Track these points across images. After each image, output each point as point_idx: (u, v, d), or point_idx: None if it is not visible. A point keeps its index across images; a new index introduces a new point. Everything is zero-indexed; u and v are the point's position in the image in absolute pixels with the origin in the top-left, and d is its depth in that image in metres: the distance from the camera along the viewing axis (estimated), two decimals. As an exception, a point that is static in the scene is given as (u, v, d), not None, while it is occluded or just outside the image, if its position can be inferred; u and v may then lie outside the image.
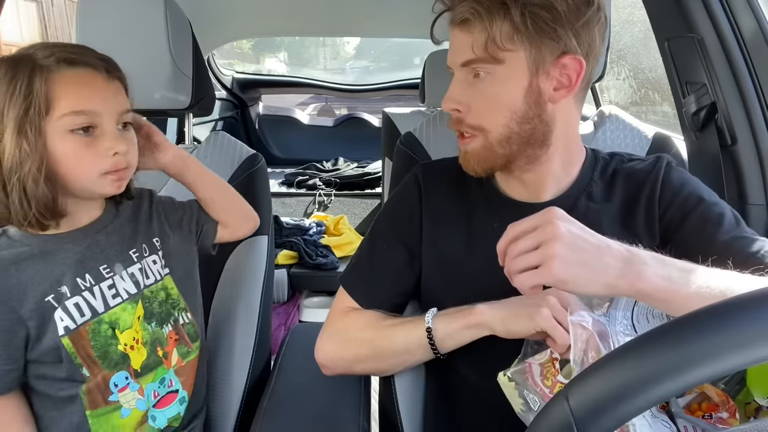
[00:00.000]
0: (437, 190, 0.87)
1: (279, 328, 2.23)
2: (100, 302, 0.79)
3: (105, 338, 0.79)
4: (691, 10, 1.01)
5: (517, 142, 0.75)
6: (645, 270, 0.58)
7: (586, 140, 1.12)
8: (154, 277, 0.86)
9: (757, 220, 1.02)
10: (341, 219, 2.63)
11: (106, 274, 0.81)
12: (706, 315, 0.37)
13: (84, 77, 0.73)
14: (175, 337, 0.87)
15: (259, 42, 4.69)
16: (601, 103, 2.27)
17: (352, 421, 0.83)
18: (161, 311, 0.86)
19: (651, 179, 0.79)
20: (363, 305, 0.86)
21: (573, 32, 0.70)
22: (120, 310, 0.81)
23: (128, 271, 0.83)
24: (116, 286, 0.81)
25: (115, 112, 0.75)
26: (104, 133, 0.74)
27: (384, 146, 1.95)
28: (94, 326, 0.78)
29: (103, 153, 0.74)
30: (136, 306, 0.82)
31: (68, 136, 0.72)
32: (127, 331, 0.81)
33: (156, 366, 0.84)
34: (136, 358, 0.82)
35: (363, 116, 3.56)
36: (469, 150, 0.77)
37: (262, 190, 1.11)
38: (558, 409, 0.38)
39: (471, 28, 0.71)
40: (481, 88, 0.73)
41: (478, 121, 0.75)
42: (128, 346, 0.81)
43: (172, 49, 0.99)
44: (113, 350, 0.80)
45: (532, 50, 0.70)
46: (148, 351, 0.83)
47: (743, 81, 1.00)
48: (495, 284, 0.77)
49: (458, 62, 0.74)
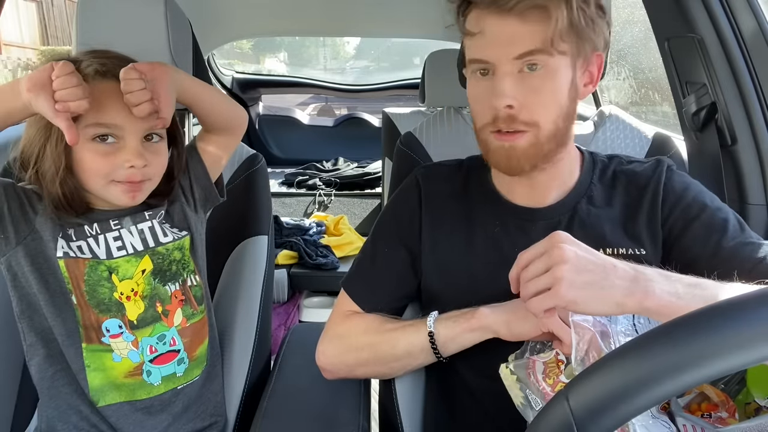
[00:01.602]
0: (437, 192, 0.87)
1: (279, 328, 2.23)
2: (103, 250, 0.82)
3: (99, 278, 0.82)
4: (691, 10, 1.01)
5: (558, 140, 0.74)
6: (652, 287, 0.59)
7: (586, 140, 1.12)
8: (172, 235, 0.88)
9: (757, 220, 1.02)
10: (341, 219, 2.63)
11: (114, 225, 0.83)
12: (705, 315, 0.37)
13: (112, 90, 0.75)
14: (181, 297, 0.88)
15: (259, 42, 4.70)
16: (601, 103, 2.27)
17: (352, 421, 0.83)
18: (170, 269, 0.87)
19: (653, 184, 0.79)
20: (365, 309, 0.85)
21: (603, 28, 0.72)
22: (123, 261, 0.83)
23: (138, 226, 0.85)
24: (122, 238, 0.83)
25: (140, 127, 0.77)
26: (125, 146, 0.77)
27: (384, 146, 1.95)
28: (92, 264, 0.81)
29: (119, 164, 0.77)
30: (140, 260, 0.84)
31: (89, 144, 0.76)
32: (126, 280, 0.83)
33: (153, 321, 0.85)
34: (132, 310, 0.83)
35: (363, 116, 3.56)
36: (518, 146, 0.72)
37: (262, 190, 1.11)
38: (558, 409, 0.38)
39: (538, 17, 0.67)
40: (535, 83, 0.70)
41: (532, 116, 0.71)
42: (124, 295, 0.83)
43: (172, 49, 0.99)
44: (103, 292, 0.82)
45: (578, 44, 0.70)
46: (146, 305, 0.84)
47: (743, 81, 1.00)
48: (496, 288, 0.77)
49: (512, 54, 0.68)
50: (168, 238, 0.87)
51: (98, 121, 0.75)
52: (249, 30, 2.88)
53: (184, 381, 0.88)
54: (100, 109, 0.75)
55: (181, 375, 0.88)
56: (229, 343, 1.01)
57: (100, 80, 0.76)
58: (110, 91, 0.75)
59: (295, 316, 2.31)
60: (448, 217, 0.85)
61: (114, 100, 0.75)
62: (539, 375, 0.63)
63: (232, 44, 3.61)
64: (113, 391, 0.83)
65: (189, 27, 1.09)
